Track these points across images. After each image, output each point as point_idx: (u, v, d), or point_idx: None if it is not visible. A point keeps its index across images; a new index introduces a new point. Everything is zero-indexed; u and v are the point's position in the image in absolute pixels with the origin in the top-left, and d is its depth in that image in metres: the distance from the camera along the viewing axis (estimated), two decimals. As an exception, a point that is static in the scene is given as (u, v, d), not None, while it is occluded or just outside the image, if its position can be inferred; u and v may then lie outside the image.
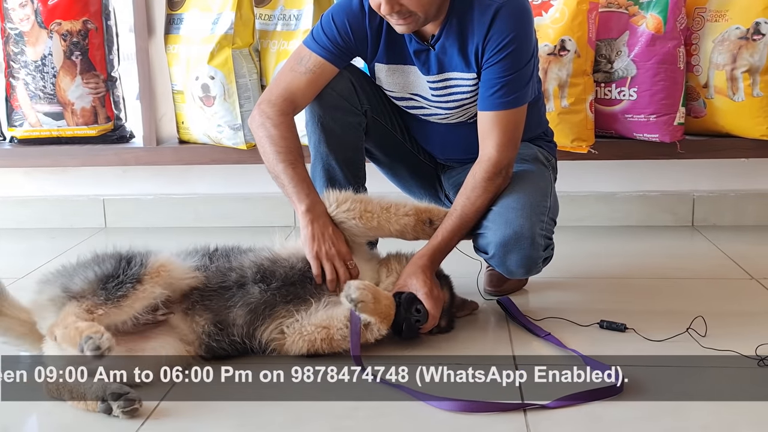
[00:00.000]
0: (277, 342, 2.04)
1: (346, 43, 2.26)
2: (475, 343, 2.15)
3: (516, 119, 2.20)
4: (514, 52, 2.14)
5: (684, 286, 2.60)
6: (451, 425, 1.71)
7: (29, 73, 3.29)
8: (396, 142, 2.51)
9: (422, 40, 2.23)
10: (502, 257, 2.17)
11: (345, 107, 2.34)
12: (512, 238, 2.14)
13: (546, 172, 2.39)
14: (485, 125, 2.20)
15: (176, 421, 1.76)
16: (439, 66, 2.24)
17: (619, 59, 3.07)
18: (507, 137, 2.19)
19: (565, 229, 3.29)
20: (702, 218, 3.36)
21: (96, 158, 3.36)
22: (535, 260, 2.19)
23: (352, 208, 2.18)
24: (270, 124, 2.24)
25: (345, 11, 2.27)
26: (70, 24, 3.26)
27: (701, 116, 3.14)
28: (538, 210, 2.20)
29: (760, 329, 2.14)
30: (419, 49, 2.24)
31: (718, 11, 3.04)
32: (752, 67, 2.99)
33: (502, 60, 2.15)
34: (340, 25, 2.26)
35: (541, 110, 2.51)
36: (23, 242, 3.36)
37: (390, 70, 2.31)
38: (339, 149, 2.36)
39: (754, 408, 1.75)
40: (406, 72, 2.30)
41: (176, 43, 3.23)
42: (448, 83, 2.26)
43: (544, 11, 3.02)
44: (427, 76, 2.27)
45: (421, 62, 2.26)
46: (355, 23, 2.25)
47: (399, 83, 2.33)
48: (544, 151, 2.46)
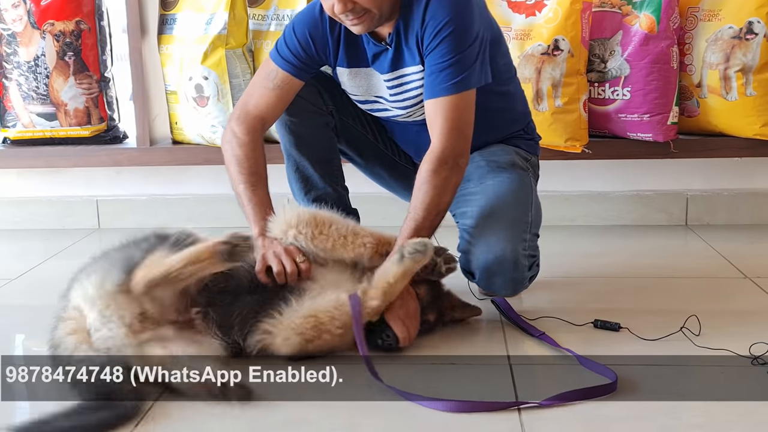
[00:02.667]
0: (265, 342, 2.02)
1: (308, 55, 2.27)
2: (469, 343, 2.15)
3: (460, 105, 2.12)
4: (452, 35, 2.09)
5: (678, 286, 2.60)
6: (447, 425, 1.70)
7: (22, 73, 3.28)
8: (368, 143, 2.52)
9: (379, 41, 2.22)
10: (487, 281, 2.20)
11: (310, 109, 2.38)
12: (495, 263, 2.15)
13: (525, 178, 2.35)
14: (429, 114, 2.16)
15: (171, 422, 1.76)
16: (392, 63, 2.23)
17: (613, 59, 3.08)
18: (451, 125, 2.11)
19: (558, 228, 3.31)
20: (696, 217, 3.37)
21: (89, 159, 3.35)
22: (520, 281, 2.21)
23: (304, 231, 2.12)
24: (236, 143, 2.26)
25: (305, 22, 2.27)
26: (63, 24, 3.25)
27: (694, 116, 3.14)
28: (519, 228, 2.19)
29: (753, 328, 2.14)
30: (377, 50, 2.23)
31: (711, 11, 3.05)
32: (745, 67, 3.00)
33: (440, 44, 2.10)
34: (301, 37, 2.26)
35: (517, 106, 2.47)
36: (16, 243, 3.35)
37: (351, 73, 2.31)
38: (309, 150, 2.40)
39: (748, 407, 1.75)
40: (368, 75, 2.30)
41: (169, 44, 3.22)
42: (402, 80, 2.24)
43: (537, 11, 3.02)
44: (383, 75, 2.26)
45: (379, 63, 2.25)
46: (316, 33, 2.25)
47: (361, 86, 2.33)
48: (523, 152, 2.43)
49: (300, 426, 1.73)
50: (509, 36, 3.04)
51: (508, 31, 3.05)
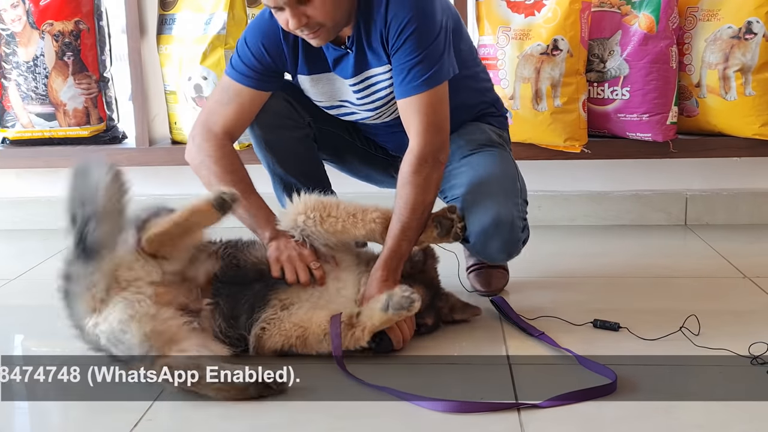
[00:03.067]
0: (259, 337, 2.04)
1: (262, 64, 2.22)
2: (468, 343, 2.15)
3: (433, 101, 2.10)
4: (416, 33, 2.07)
5: (677, 285, 2.60)
6: (445, 425, 1.70)
7: (21, 73, 3.28)
8: (346, 144, 2.52)
9: (339, 45, 2.19)
10: (483, 244, 2.20)
11: (287, 125, 2.36)
12: (491, 225, 2.16)
13: (505, 152, 2.38)
14: (403, 114, 2.14)
15: (170, 422, 1.76)
16: (356, 67, 2.20)
17: (612, 59, 3.08)
18: (426, 122, 2.10)
19: (557, 228, 3.31)
20: (695, 217, 3.37)
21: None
22: (515, 243, 2.23)
23: (312, 215, 2.13)
24: (210, 161, 2.22)
25: (257, 32, 2.23)
26: (62, 24, 3.25)
27: (694, 115, 3.14)
28: (512, 194, 2.22)
29: (753, 328, 2.14)
30: (338, 55, 2.20)
31: (710, 10, 3.05)
32: (744, 66, 3.00)
33: (405, 43, 2.08)
34: (254, 48, 2.22)
35: (481, 85, 2.45)
36: (15, 243, 3.35)
37: (313, 80, 2.28)
38: (293, 165, 2.39)
39: (747, 407, 1.75)
40: (331, 80, 2.27)
41: (169, 44, 3.22)
42: (368, 82, 2.22)
43: (536, 11, 3.02)
44: (348, 80, 2.23)
45: (341, 68, 2.22)
46: (269, 42, 2.21)
47: (325, 92, 2.30)
48: (496, 129, 2.43)
49: (299, 426, 1.73)
50: (508, 36, 3.05)
51: (507, 31, 3.05)
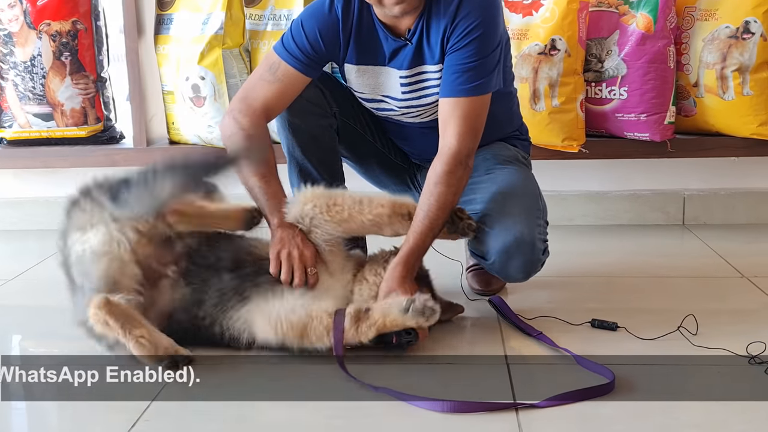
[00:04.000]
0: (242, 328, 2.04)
1: (316, 51, 2.23)
2: (466, 343, 2.15)
3: (478, 107, 2.14)
4: (480, 38, 2.11)
5: (675, 285, 2.60)
6: (444, 425, 1.70)
7: (18, 74, 3.28)
8: (366, 143, 2.51)
9: (398, 37, 2.21)
10: (504, 263, 2.18)
11: (314, 111, 2.36)
12: (513, 244, 2.15)
13: (530, 173, 2.39)
14: (445, 113, 2.15)
15: (168, 422, 1.76)
16: (413, 60, 2.21)
17: (610, 58, 3.08)
18: (468, 126, 2.13)
19: (555, 228, 3.29)
20: (692, 217, 3.37)
21: (86, 159, 3.34)
22: (535, 264, 2.22)
23: (318, 203, 2.15)
24: (243, 135, 2.23)
25: (315, 17, 2.24)
26: (59, 24, 3.25)
27: (691, 115, 3.15)
28: (534, 214, 2.21)
29: (750, 327, 2.14)
30: (397, 46, 2.22)
31: (707, 10, 3.05)
32: (742, 66, 3.00)
33: (467, 45, 2.11)
34: (309, 33, 2.22)
35: (514, 107, 2.49)
36: (12, 244, 3.35)
37: (359, 71, 2.29)
38: (312, 152, 2.38)
39: (745, 406, 1.75)
40: (377, 73, 2.28)
41: (166, 44, 3.22)
42: (420, 77, 2.23)
43: (534, 11, 3.02)
44: (401, 71, 2.24)
45: (398, 59, 2.23)
46: (325, 29, 2.22)
47: (369, 84, 2.31)
48: (521, 151, 2.46)
49: (298, 425, 1.72)
50: (506, 36, 3.05)
51: (505, 31, 3.05)
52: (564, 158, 3.11)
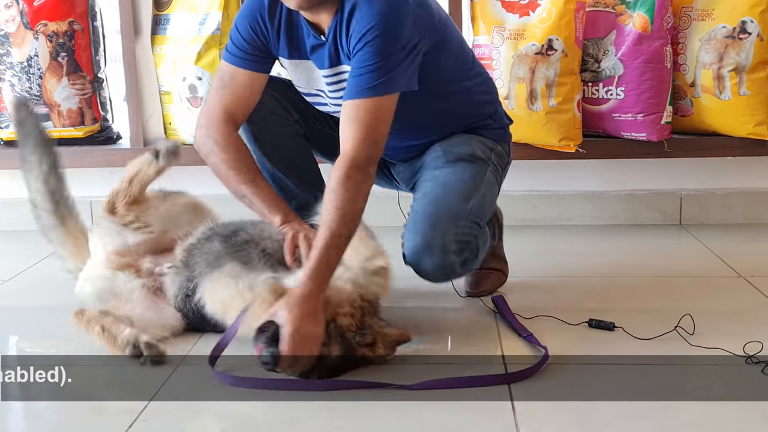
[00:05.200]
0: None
1: (252, 45, 2.23)
2: (464, 343, 2.14)
3: (377, 110, 2.03)
4: (375, 41, 2.02)
5: (672, 285, 2.61)
6: (441, 425, 1.70)
7: (15, 74, 3.27)
8: (336, 142, 2.50)
9: (319, 34, 2.18)
10: (416, 265, 2.18)
11: (275, 121, 2.38)
12: (421, 246, 2.13)
13: (481, 169, 2.30)
14: (345, 116, 2.07)
15: (166, 421, 1.76)
16: (331, 59, 2.18)
17: (607, 58, 3.08)
18: (366, 131, 2.02)
19: (553, 228, 3.32)
20: (689, 217, 3.37)
21: (83, 160, 3.34)
22: (449, 266, 2.16)
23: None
24: (218, 149, 2.24)
25: (245, 14, 2.25)
26: (56, 25, 3.24)
27: (688, 115, 3.15)
28: (454, 215, 2.17)
29: (748, 327, 2.14)
30: (316, 43, 2.19)
31: (704, 10, 3.05)
32: (739, 66, 3.00)
33: (363, 48, 2.04)
34: (242, 29, 2.24)
35: (475, 98, 2.38)
36: (10, 244, 3.34)
37: (293, 65, 2.28)
38: (280, 161, 2.40)
39: (743, 406, 1.75)
40: (308, 67, 2.26)
41: (163, 44, 3.22)
42: (341, 77, 2.20)
43: (531, 11, 3.03)
44: (322, 71, 2.22)
45: (317, 57, 2.21)
46: (255, 22, 2.22)
47: (303, 78, 2.30)
48: (488, 140, 2.37)
49: (297, 425, 1.72)
50: (503, 36, 3.05)
51: (501, 31, 3.05)
52: (561, 158, 3.11)
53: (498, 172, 2.38)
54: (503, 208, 2.63)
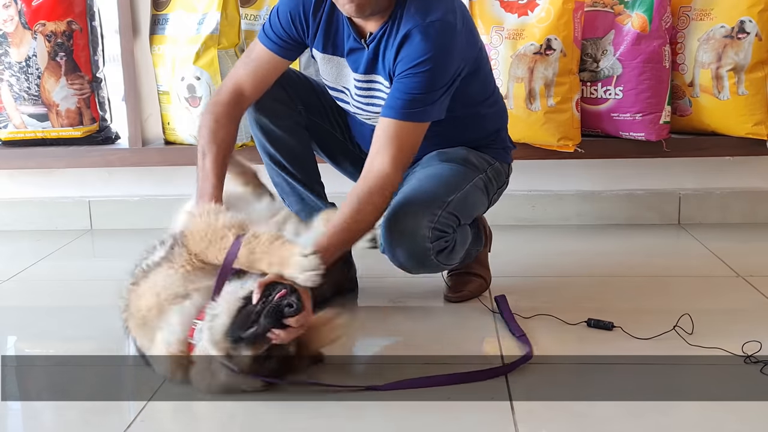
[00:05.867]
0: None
1: (288, 33, 2.27)
2: (462, 344, 2.14)
3: (412, 135, 2.11)
4: (427, 73, 2.06)
5: (670, 284, 2.61)
6: (440, 425, 1.70)
7: (13, 74, 3.27)
8: (337, 141, 2.55)
9: (360, 38, 2.20)
10: (391, 251, 2.18)
11: (280, 109, 2.41)
12: (396, 232, 2.14)
13: (471, 173, 2.31)
14: (384, 133, 2.10)
15: (164, 422, 1.76)
16: (367, 66, 2.21)
17: (605, 58, 3.08)
18: (404, 153, 2.10)
19: (551, 228, 3.32)
20: (688, 216, 3.37)
21: (81, 160, 3.34)
22: (423, 252, 2.16)
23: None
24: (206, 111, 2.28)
25: (288, 3, 2.28)
26: (54, 25, 3.24)
27: (687, 115, 3.15)
28: (432, 203, 2.18)
29: (746, 327, 2.14)
30: (354, 47, 2.21)
31: (703, 10, 3.05)
32: (737, 66, 3.00)
33: (415, 77, 2.07)
34: (282, 15, 2.28)
35: (486, 124, 2.42)
36: (8, 245, 3.34)
37: (325, 59, 2.31)
38: (282, 148, 2.43)
39: (741, 405, 1.75)
40: (340, 64, 2.29)
41: (162, 44, 3.21)
42: (372, 85, 2.23)
43: (530, 10, 3.03)
44: (355, 74, 2.25)
45: (354, 60, 2.23)
46: (297, 14, 2.25)
47: (333, 73, 2.32)
48: (486, 156, 2.38)
49: (297, 426, 1.72)
50: (501, 36, 3.05)
51: (500, 31, 3.05)
52: (560, 158, 3.11)
53: (491, 184, 2.39)
54: (502, 208, 2.63)
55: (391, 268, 2.24)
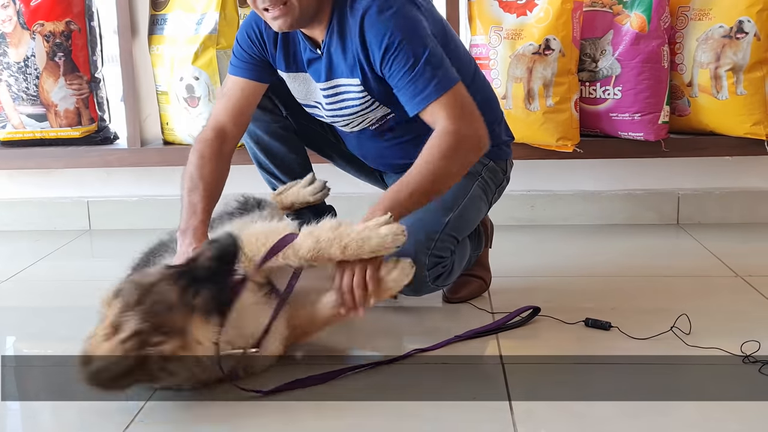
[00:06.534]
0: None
1: (251, 54, 2.27)
2: (461, 344, 2.14)
3: (455, 98, 2.05)
4: (400, 48, 2.03)
5: (669, 284, 2.61)
6: (437, 424, 1.70)
7: (12, 74, 3.27)
8: (330, 144, 2.56)
9: (315, 48, 2.19)
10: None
11: (265, 118, 2.44)
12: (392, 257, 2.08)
13: (466, 183, 2.27)
14: (432, 118, 2.06)
15: (162, 423, 1.75)
16: (327, 73, 2.20)
17: (604, 58, 3.08)
18: (456, 111, 2.04)
19: (550, 228, 3.32)
20: (687, 216, 3.37)
21: (80, 160, 3.34)
22: (419, 280, 2.13)
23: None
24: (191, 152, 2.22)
25: (245, 25, 2.29)
26: (52, 25, 3.24)
27: (685, 115, 3.15)
28: (429, 228, 2.18)
29: (745, 327, 2.14)
30: (312, 57, 2.21)
31: (701, 10, 3.05)
32: (736, 66, 3.00)
33: (394, 61, 2.05)
34: (241, 40, 2.28)
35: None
36: (6, 245, 3.34)
37: (290, 77, 2.31)
38: (272, 155, 2.47)
39: (740, 406, 1.75)
40: (305, 80, 2.28)
41: (160, 44, 3.21)
42: (338, 89, 2.21)
43: (528, 10, 3.03)
44: (319, 84, 2.24)
45: (313, 70, 2.23)
46: (253, 34, 2.26)
47: (302, 90, 2.32)
48: (483, 158, 2.29)
49: (292, 425, 1.72)
50: (500, 36, 3.05)
51: (499, 31, 3.05)
52: (558, 158, 3.11)
53: (488, 187, 2.38)
54: (501, 208, 2.63)
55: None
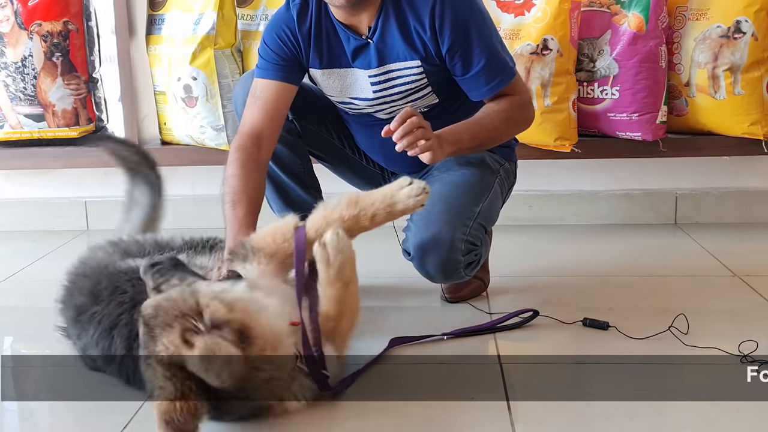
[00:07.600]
0: None
1: (281, 55, 2.24)
2: (459, 344, 2.14)
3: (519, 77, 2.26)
4: (473, 30, 2.13)
5: (666, 284, 2.61)
6: (437, 424, 1.70)
7: (9, 74, 3.27)
8: (334, 148, 2.52)
9: (359, 35, 2.20)
10: (421, 260, 2.17)
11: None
12: (430, 240, 2.13)
13: (489, 177, 2.33)
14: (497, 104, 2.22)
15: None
16: (379, 58, 2.20)
17: (602, 58, 3.08)
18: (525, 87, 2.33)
19: (548, 228, 3.32)
20: (684, 216, 3.37)
21: (78, 160, 3.34)
22: (453, 264, 2.17)
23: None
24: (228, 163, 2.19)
25: (273, 26, 2.27)
26: (50, 25, 3.24)
27: (683, 114, 3.15)
28: (463, 214, 2.19)
29: (742, 326, 2.14)
30: (358, 45, 2.21)
31: (699, 10, 3.05)
32: (733, 66, 3.01)
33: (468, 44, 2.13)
34: (270, 41, 2.25)
35: None
36: (4, 245, 3.34)
37: (324, 74, 2.29)
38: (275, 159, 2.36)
39: (737, 405, 1.75)
40: (343, 75, 2.27)
41: (158, 44, 3.21)
42: (390, 75, 2.22)
43: (526, 10, 3.02)
44: (369, 70, 2.23)
45: (363, 58, 2.22)
46: (283, 32, 2.24)
47: (336, 87, 2.30)
48: (496, 156, 2.39)
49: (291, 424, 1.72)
50: (498, 35, 3.05)
51: (497, 31, 3.05)
52: (556, 158, 3.11)
53: (503, 185, 2.41)
54: (499, 208, 2.64)
55: (388, 268, 2.24)
